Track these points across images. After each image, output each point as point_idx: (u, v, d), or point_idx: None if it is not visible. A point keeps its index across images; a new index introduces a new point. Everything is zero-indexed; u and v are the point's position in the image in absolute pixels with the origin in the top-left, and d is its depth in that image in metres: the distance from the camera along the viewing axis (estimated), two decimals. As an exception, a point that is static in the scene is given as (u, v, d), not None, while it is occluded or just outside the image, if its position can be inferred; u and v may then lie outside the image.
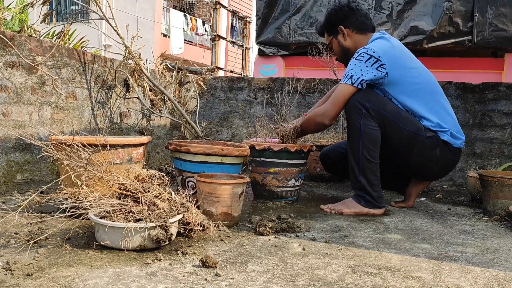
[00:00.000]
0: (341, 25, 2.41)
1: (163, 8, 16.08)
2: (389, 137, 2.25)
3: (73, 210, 1.53)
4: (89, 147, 1.75)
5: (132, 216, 1.48)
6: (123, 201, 1.53)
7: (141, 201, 1.53)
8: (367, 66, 2.22)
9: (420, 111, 2.26)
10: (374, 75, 2.22)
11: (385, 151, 2.29)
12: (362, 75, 2.22)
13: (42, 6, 2.81)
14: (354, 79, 2.23)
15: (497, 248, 1.73)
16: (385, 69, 2.22)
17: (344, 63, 2.47)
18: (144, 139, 2.07)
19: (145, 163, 2.14)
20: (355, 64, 2.25)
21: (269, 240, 1.69)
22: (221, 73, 9.71)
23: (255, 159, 2.48)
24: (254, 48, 8.24)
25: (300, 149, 2.43)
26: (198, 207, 1.77)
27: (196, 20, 17.12)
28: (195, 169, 2.12)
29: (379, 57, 2.21)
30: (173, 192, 1.64)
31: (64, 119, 2.79)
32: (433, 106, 2.29)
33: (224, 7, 8.25)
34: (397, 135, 2.24)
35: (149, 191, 1.56)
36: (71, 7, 14.71)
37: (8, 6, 3.30)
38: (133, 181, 1.62)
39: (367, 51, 2.24)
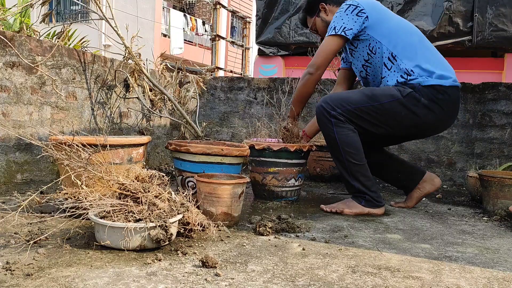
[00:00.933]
0: (322, 3, 2.49)
1: (163, 8, 16.08)
2: (373, 122, 2.24)
3: (73, 210, 1.53)
4: (89, 147, 1.75)
5: (132, 216, 1.48)
6: (123, 201, 1.53)
7: (141, 201, 1.53)
8: (347, 15, 2.27)
9: (402, 53, 2.24)
10: (355, 21, 2.26)
11: (380, 137, 2.30)
12: (344, 23, 2.27)
13: (42, 6, 2.81)
14: (338, 29, 2.27)
15: (497, 248, 1.73)
16: (364, 13, 2.26)
17: None
18: (144, 139, 2.07)
19: (145, 163, 2.14)
20: (336, 17, 2.31)
21: (269, 240, 1.69)
22: (221, 73, 9.71)
23: (254, 159, 2.48)
24: (254, 48, 8.24)
25: (299, 148, 2.43)
26: (198, 207, 1.77)
27: (196, 20, 17.12)
28: (195, 169, 2.12)
29: (358, 4, 2.28)
30: (173, 192, 1.64)
31: (64, 119, 2.79)
32: (416, 47, 2.27)
33: (224, 7, 8.25)
34: (378, 114, 2.22)
35: (149, 191, 1.56)
36: (71, 7, 14.71)
37: (9, 8, 3.29)
38: (133, 181, 1.62)
39: (346, 3, 2.33)
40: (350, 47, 2.41)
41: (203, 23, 17.38)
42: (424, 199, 2.82)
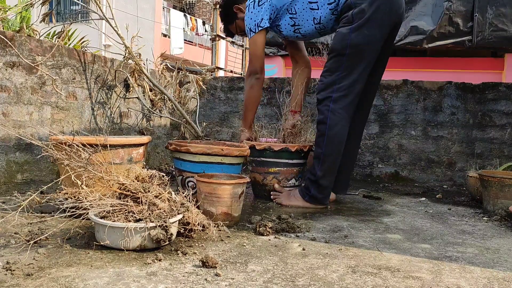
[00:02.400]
0: (235, 5, 2.58)
1: (163, 8, 16.07)
2: (359, 64, 2.25)
3: (73, 210, 1.53)
4: (89, 147, 1.75)
5: (132, 216, 1.48)
6: (123, 201, 1.53)
7: (141, 201, 1.53)
8: (252, 12, 2.42)
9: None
10: (262, 11, 2.39)
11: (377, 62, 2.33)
12: (255, 20, 2.40)
13: (42, 6, 2.81)
14: (253, 28, 2.42)
15: (497, 248, 1.73)
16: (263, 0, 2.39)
17: None
18: (144, 139, 2.07)
19: (145, 163, 2.14)
20: (246, 19, 2.45)
21: (269, 240, 1.69)
22: (221, 73, 9.71)
23: (255, 159, 2.48)
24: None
25: (300, 148, 2.43)
26: (198, 207, 1.77)
27: (196, 20, 17.11)
28: (195, 169, 2.12)
29: None
30: (173, 192, 1.64)
31: (64, 119, 2.79)
32: None
33: (224, 7, 8.24)
34: (354, 57, 2.23)
35: (149, 191, 1.56)
36: (71, 7, 14.70)
37: (10, 8, 3.29)
38: (133, 181, 1.62)
39: (248, 1, 2.47)
40: (280, 29, 2.49)
41: (203, 23, 17.38)
42: (424, 199, 2.83)
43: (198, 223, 1.60)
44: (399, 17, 2.32)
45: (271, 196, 2.41)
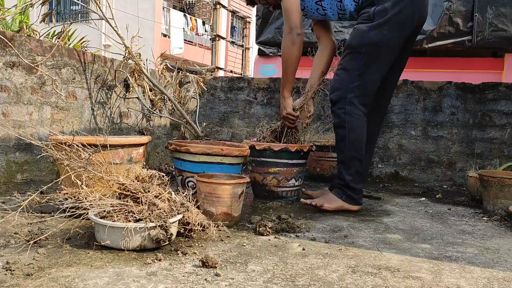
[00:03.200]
0: None
1: (163, 8, 16.07)
2: (377, 64, 2.21)
3: (73, 210, 1.53)
4: (89, 147, 1.75)
5: (132, 216, 1.48)
6: (123, 201, 1.53)
7: (141, 201, 1.53)
8: None
9: None
10: None
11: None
12: None
13: (42, 6, 2.81)
14: None
15: (497, 248, 1.73)
16: None
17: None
18: (144, 139, 2.07)
19: (145, 163, 2.14)
20: None
21: (269, 240, 1.69)
22: (221, 73, 9.71)
23: (255, 159, 2.48)
24: (254, 48, 8.24)
25: (300, 149, 2.43)
26: (198, 207, 1.77)
27: (196, 20, 17.11)
28: (195, 169, 2.12)
29: None
30: (173, 192, 1.64)
31: (64, 119, 2.79)
32: None
33: (224, 7, 8.25)
34: (372, 56, 2.19)
35: (149, 191, 1.56)
36: (71, 7, 14.70)
37: (9, 9, 3.30)
38: (133, 181, 1.62)
39: None
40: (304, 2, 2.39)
41: (203, 23, 17.37)
42: (424, 199, 2.83)
43: (198, 223, 1.60)
44: (421, 21, 2.28)
45: (305, 202, 2.24)
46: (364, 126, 2.23)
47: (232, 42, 9.81)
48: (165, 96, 3.24)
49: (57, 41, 3.07)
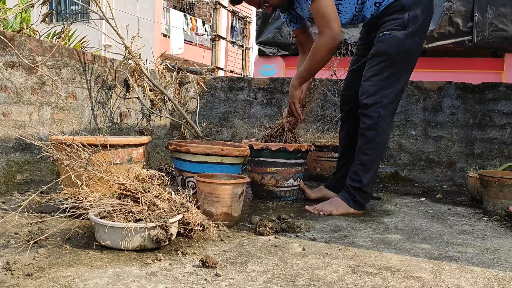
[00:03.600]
0: None
1: (163, 8, 16.08)
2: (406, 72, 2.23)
3: (73, 210, 1.53)
4: (89, 147, 1.75)
5: (132, 216, 1.48)
6: (123, 201, 1.53)
7: (141, 201, 1.53)
8: None
9: None
10: None
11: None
12: None
13: (42, 6, 2.81)
14: None
15: (497, 248, 1.73)
16: None
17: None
18: (144, 139, 2.07)
19: (145, 163, 2.14)
20: None
21: (269, 240, 1.69)
22: (221, 73, 9.71)
23: (253, 159, 2.48)
24: (254, 48, 8.24)
25: (298, 148, 2.43)
26: (198, 207, 1.77)
27: (196, 20, 17.11)
28: (195, 169, 2.12)
29: None
30: (173, 192, 1.64)
31: (64, 119, 2.79)
32: None
33: (224, 7, 8.25)
34: (405, 67, 2.21)
35: (149, 191, 1.56)
36: (71, 7, 14.71)
37: (10, 8, 3.30)
38: (133, 181, 1.62)
39: None
40: None
41: (203, 23, 17.38)
42: (424, 199, 2.83)
43: (198, 223, 1.60)
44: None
45: (313, 210, 2.21)
46: (388, 134, 2.27)
47: (232, 42, 9.81)
48: (165, 96, 3.24)
49: (58, 41, 3.08)
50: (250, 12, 15.84)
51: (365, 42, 2.47)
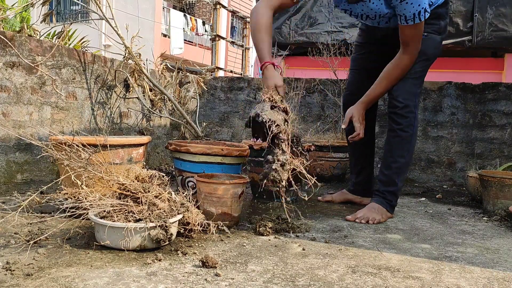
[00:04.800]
0: None
1: (163, 8, 16.07)
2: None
3: (73, 210, 1.53)
4: (89, 147, 1.75)
5: (132, 216, 1.48)
6: (123, 201, 1.53)
7: (141, 201, 1.53)
8: None
9: None
10: None
11: None
12: (423, 3, 1.97)
13: (42, 6, 2.81)
14: (423, 14, 1.99)
15: (497, 248, 1.73)
16: None
17: None
18: (144, 139, 2.07)
19: (145, 163, 2.14)
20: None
21: (269, 240, 1.69)
22: (221, 73, 9.71)
23: (253, 159, 2.48)
24: (254, 48, 8.23)
25: (300, 149, 2.42)
26: (198, 207, 1.77)
27: (196, 20, 17.11)
28: (195, 169, 2.12)
29: None
30: (173, 192, 1.64)
31: (64, 119, 2.79)
32: None
33: (224, 7, 8.24)
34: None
35: (149, 191, 1.56)
36: (71, 7, 14.70)
37: (10, 7, 3.30)
38: (133, 181, 1.62)
39: None
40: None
41: (203, 23, 17.37)
42: (424, 199, 2.83)
43: (198, 223, 1.60)
44: None
45: (355, 219, 2.11)
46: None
47: (232, 42, 9.80)
48: (165, 96, 3.24)
49: (58, 41, 3.08)
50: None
51: (370, 42, 2.39)
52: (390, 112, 2.21)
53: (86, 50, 3.35)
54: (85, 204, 1.52)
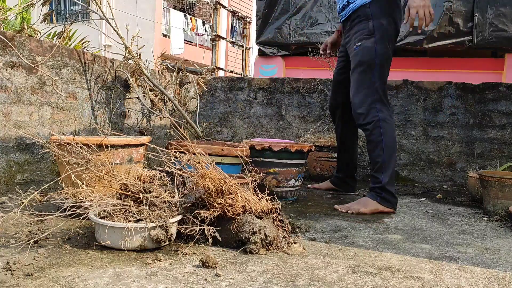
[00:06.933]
0: None
1: (163, 8, 16.07)
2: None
3: (74, 210, 1.53)
4: (89, 147, 1.75)
5: (132, 216, 1.48)
6: (124, 201, 1.53)
7: (142, 201, 1.53)
8: None
9: None
10: None
11: None
12: None
13: (43, 6, 2.81)
14: None
15: (497, 248, 1.73)
16: None
17: None
18: (144, 139, 2.07)
19: (145, 163, 2.14)
20: None
21: (269, 240, 1.69)
22: (221, 73, 9.71)
23: (255, 159, 2.48)
24: (254, 48, 8.24)
25: (300, 149, 2.43)
26: (198, 207, 1.77)
27: (196, 20, 17.12)
28: (195, 169, 2.11)
29: None
30: (176, 193, 1.64)
31: (64, 119, 2.79)
32: None
33: (224, 7, 8.25)
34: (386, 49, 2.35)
35: (149, 192, 1.56)
36: (71, 7, 14.70)
37: (11, 8, 3.30)
38: (134, 181, 1.62)
39: None
40: None
41: (203, 23, 17.38)
42: (424, 199, 2.83)
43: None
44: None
45: (341, 209, 2.29)
46: (394, 130, 2.35)
47: (232, 42, 9.81)
48: (165, 96, 3.24)
49: (58, 41, 3.08)
50: (250, 12, 15.85)
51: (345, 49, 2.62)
52: (356, 124, 2.44)
53: (86, 50, 3.34)
54: (86, 204, 1.52)
